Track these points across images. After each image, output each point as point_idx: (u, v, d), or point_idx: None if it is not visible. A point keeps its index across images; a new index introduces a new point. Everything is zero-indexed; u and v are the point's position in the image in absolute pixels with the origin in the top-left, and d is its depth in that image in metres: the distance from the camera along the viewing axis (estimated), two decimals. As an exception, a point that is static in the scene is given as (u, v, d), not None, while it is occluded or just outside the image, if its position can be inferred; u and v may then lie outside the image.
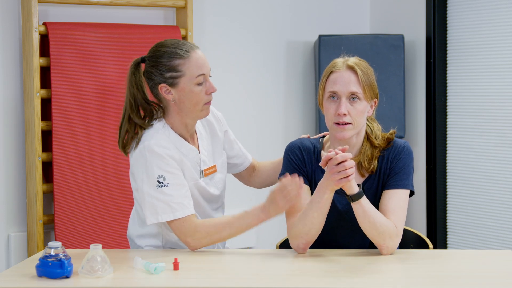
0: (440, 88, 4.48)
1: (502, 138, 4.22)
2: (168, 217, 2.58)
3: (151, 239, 2.73)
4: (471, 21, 4.34)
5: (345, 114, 2.54)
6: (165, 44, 2.65)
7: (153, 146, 2.58)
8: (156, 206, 2.58)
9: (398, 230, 2.53)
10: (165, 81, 2.62)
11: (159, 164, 2.57)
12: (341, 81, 2.57)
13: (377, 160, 2.63)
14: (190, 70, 2.61)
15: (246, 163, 2.98)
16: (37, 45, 3.72)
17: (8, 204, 3.86)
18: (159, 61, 2.63)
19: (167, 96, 2.64)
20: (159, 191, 2.57)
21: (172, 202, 2.57)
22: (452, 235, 4.49)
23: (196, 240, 2.60)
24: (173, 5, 4.12)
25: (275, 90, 4.61)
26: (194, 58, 2.62)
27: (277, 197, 2.57)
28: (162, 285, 2.27)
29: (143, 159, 2.59)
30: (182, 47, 2.63)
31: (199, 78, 2.62)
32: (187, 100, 2.63)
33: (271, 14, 4.58)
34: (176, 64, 2.61)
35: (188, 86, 2.62)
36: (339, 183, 2.44)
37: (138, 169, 2.61)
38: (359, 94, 2.56)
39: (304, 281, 2.28)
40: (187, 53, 2.62)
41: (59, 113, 3.78)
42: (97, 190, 3.84)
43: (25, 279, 2.31)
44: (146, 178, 2.58)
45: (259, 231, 4.52)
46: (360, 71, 2.57)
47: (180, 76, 2.61)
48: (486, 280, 2.28)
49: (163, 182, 2.57)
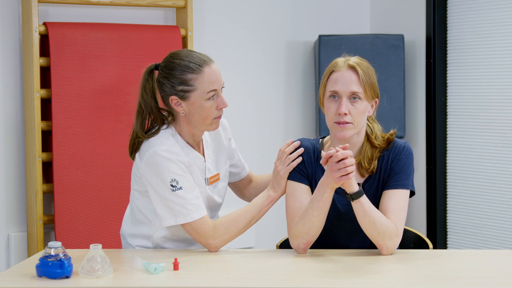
0: (440, 88, 4.48)
1: (502, 138, 4.22)
2: (185, 219, 2.59)
3: (142, 239, 2.73)
4: (471, 21, 4.34)
5: (345, 113, 2.54)
6: (179, 56, 2.63)
7: (164, 152, 2.58)
8: (173, 209, 2.59)
9: (398, 230, 2.53)
10: (176, 94, 2.61)
11: (170, 168, 2.57)
12: (342, 81, 2.57)
13: (377, 160, 2.63)
14: (202, 85, 2.60)
15: (243, 173, 2.98)
16: (37, 45, 3.72)
17: (8, 204, 3.86)
18: (172, 73, 2.61)
19: (177, 108, 2.63)
20: (174, 194, 2.58)
21: (187, 204, 2.58)
22: (452, 235, 4.49)
23: (218, 238, 2.61)
24: (173, 5, 4.12)
25: (275, 90, 4.61)
26: (207, 73, 2.61)
27: (276, 163, 2.64)
28: (162, 285, 2.27)
29: (154, 164, 2.59)
30: (195, 60, 2.61)
31: (210, 93, 2.61)
32: (197, 114, 2.62)
33: (271, 14, 4.58)
34: (188, 78, 2.60)
35: (199, 101, 2.61)
36: (339, 180, 2.44)
37: (151, 174, 2.60)
38: (360, 94, 2.56)
39: (304, 281, 2.28)
40: (200, 67, 2.60)
41: (59, 113, 3.78)
42: (97, 190, 3.84)
43: (25, 279, 2.31)
44: (161, 182, 2.58)
45: (259, 231, 4.52)
46: (361, 71, 2.57)
47: (192, 90, 2.60)
48: (486, 280, 2.28)
49: (177, 186, 2.58)
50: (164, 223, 2.62)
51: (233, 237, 2.65)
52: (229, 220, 2.64)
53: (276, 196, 2.70)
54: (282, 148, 2.71)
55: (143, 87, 2.67)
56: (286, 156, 2.68)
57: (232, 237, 2.65)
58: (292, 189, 2.64)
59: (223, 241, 2.63)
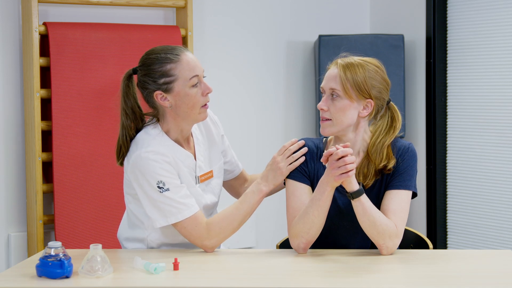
0: (440, 88, 4.48)
1: (502, 138, 4.22)
2: (176, 218, 2.58)
3: (137, 243, 2.73)
4: (471, 21, 4.34)
5: (323, 109, 2.57)
6: (155, 51, 2.65)
7: (148, 154, 2.58)
8: (163, 209, 2.58)
9: (398, 231, 2.53)
10: (159, 88, 2.61)
11: (156, 170, 2.57)
12: (326, 78, 2.60)
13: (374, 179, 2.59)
14: (183, 73, 2.60)
15: (236, 171, 2.97)
16: (37, 45, 3.72)
17: (8, 204, 3.86)
18: (151, 68, 2.62)
19: (163, 103, 2.63)
20: (162, 195, 2.57)
21: (176, 203, 2.58)
22: (452, 235, 4.49)
23: (213, 239, 2.61)
24: (173, 5, 4.12)
25: (275, 90, 4.61)
26: (185, 60, 2.61)
27: (277, 159, 2.63)
28: (162, 285, 2.27)
29: (140, 166, 2.58)
30: (172, 51, 2.62)
31: (193, 80, 2.61)
32: (183, 104, 2.62)
33: (271, 14, 4.58)
34: (168, 69, 2.60)
35: (183, 89, 2.60)
36: (340, 178, 2.44)
37: (138, 176, 2.60)
38: (338, 91, 2.56)
39: (304, 281, 2.28)
40: (177, 56, 2.61)
41: (59, 113, 3.78)
42: (97, 190, 3.84)
43: (25, 279, 2.31)
44: (147, 184, 2.58)
45: (259, 231, 4.52)
46: (344, 69, 2.56)
47: (174, 80, 2.60)
48: (486, 280, 2.28)
49: (163, 187, 2.57)
50: (155, 224, 2.61)
51: (228, 236, 2.64)
52: (222, 219, 2.62)
53: (267, 191, 2.68)
54: (286, 145, 2.69)
55: (124, 93, 2.66)
56: (290, 153, 2.66)
57: (227, 236, 2.64)
58: (293, 188, 2.64)
59: (218, 241, 2.63)
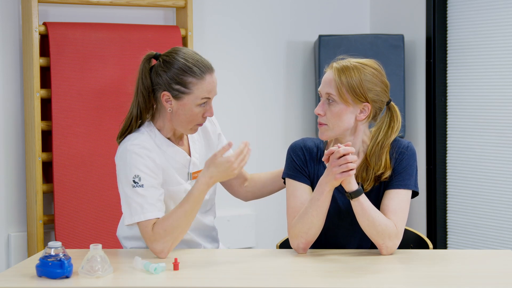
0: (440, 88, 4.48)
1: (502, 138, 4.22)
2: (139, 218, 2.55)
3: (136, 241, 2.73)
4: (471, 21, 4.34)
5: (320, 114, 2.56)
6: (185, 55, 2.62)
7: (135, 147, 2.58)
8: (132, 206, 2.57)
9: (398, 231, 2.52)
10: (169, 90, 2.61)
11: (136, 164, 2.57)
12: (323, 82, 2.59)
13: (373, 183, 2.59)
14: (199, 91, 2.60)
15: None
16: (37, 45, 3.72)
17: (8, 204, 3.86)
18: (173, 70, 2.60)
19: (165, 104, 2.63)
20: (134, 191, 2.56)
21: (145, 203, 2.55)
22: (452, 235, 4.49)
23: (159, 242, 2.52)
24: (173, 5, 4.12)
25: (275, 90, 4.61)
26: (208, 81, 2.61)
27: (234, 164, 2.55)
28: (162, 285, 2.27)
29: (123, 158, 2.60)
30: (199, 65, 2.60)
31: (203, 100, 2.61)
32: (183, 115, 2.62)
33: (271, 14, 4.58)
34: (188, 81, 2.59)
35: (190, 104, 2.60)
36: (340, 177, 2.44)
37: (119, 169, 2.62)
38: (333, 96, 2.55)
39: (304, 281, 2.28)
40: (202, 74, 2.59)
41: (59, 113, 3.78)
42: (97, 190, 3.84)
43: (25, 279, 2.31)
44: (124, 177, 2.59)
45: (259, 231, 4.52)
46: (339, 73, 2.54)
47: (188, 93, 2.60)
48: (486, 280, 2.28)
49: (138, 183, 2.56)
50: (125, 221, 2.59)
51: (175, 238, 2.53)
52: (166, 220, 2.54)
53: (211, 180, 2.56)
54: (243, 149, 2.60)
55: (143, 74, 2.65)
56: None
57: (175, 239, 2.53)
58: (293, 188, 2.63)
59: (166, 244, 2.51)
